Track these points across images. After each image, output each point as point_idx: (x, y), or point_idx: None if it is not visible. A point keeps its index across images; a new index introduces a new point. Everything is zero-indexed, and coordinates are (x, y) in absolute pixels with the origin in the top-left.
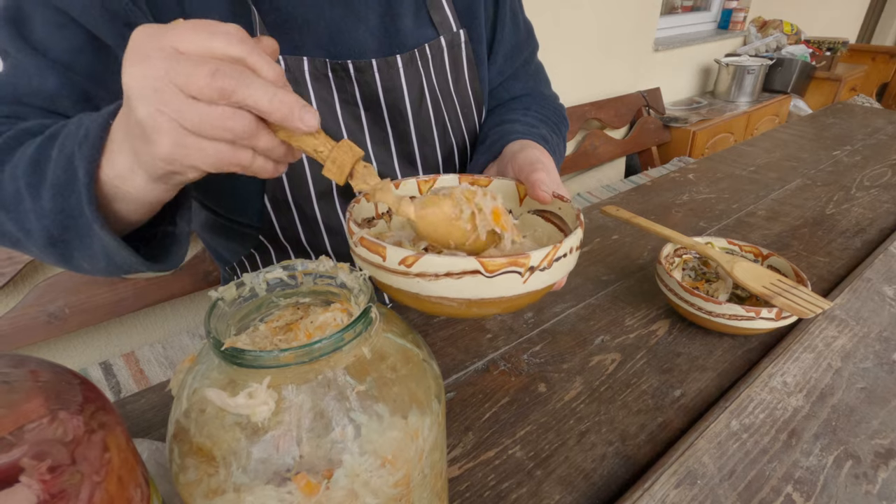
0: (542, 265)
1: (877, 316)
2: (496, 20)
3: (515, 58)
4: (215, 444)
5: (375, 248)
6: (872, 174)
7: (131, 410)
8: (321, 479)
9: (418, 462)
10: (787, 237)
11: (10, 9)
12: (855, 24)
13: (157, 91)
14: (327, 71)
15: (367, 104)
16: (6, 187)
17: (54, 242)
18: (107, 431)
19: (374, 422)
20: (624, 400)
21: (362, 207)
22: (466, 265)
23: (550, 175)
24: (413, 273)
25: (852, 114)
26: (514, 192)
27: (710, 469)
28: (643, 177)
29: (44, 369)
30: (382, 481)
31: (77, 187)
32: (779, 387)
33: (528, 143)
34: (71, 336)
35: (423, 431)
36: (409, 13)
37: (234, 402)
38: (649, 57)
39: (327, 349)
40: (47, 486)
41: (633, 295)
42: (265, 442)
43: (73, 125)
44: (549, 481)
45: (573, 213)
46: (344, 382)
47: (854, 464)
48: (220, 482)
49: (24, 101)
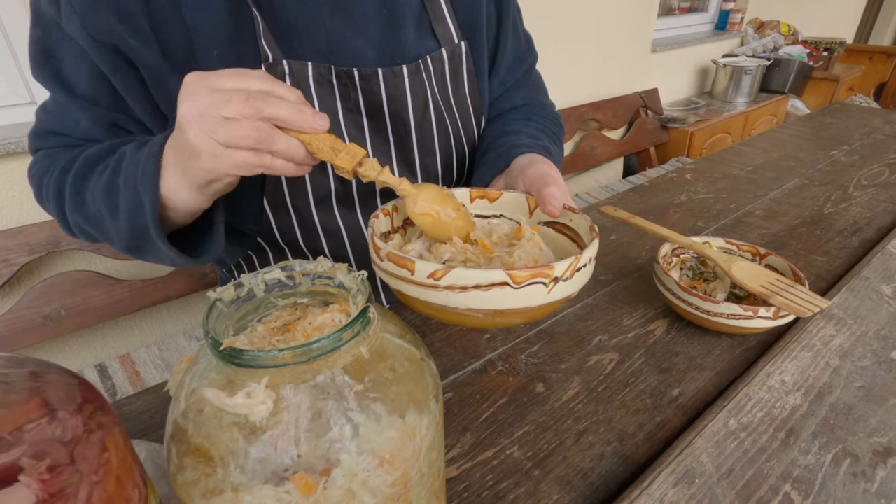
0: (565, 275)
1: (875, 314)
2: (499, 33)
3: (516, 69)
4: (213, 444)
5: (403, 262)
6: (870, 173)
7: (128, 412)
8: (319, 478)
9: (416, 461)
10: (784, 237)
11: (39, 42)
12: (852, 25)
13: (202, 116)
14: (331, 77)
15: (371, 112)
16: (90, 208)
17: (130, 248)
18: (105, 431)
19: (371, 421)
20: (622, 399)
21: (380, 222)
22: (495, 277)
23: (560, 188)
24: (442, 286)
25: (850, 113)
26: (524, 205)
27: (709, 468)
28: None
29: (43, 370)
30: (380, 481)
31: (144, 212)
32: (777, 386)
33: (536, 157)
34: (66, 338)
35: (421, 431)
36: (411, 25)
37: (233, 401)
38: (647, 58)
39: (325, 349)
40: (46, 486)
41: (631, 295)
42: (263, 442)
43: (130, 161)
44: (547, 481)
45: (586, 225)
46: (342, 382)
47: (852, 462)
48: (217, 482)
49: (69, 133)
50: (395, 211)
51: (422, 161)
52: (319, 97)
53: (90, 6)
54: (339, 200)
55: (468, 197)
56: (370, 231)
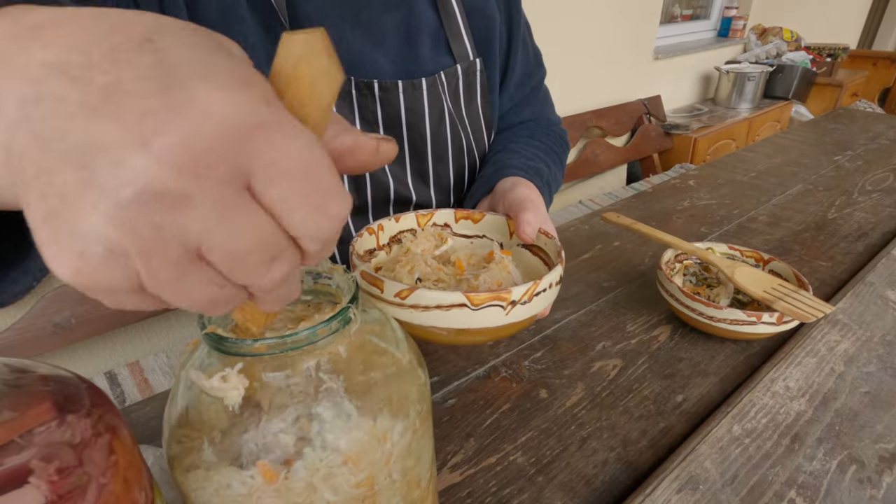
0: (522, 299)
1: (880, 320)
2: (510, 50)
3: (525, 85)
4: (196, 421)
5: (374, 280)
6: (874, 178)
7: (136, 418)
8: (282, 468)
9: (384, 465)
10: (788, 242)
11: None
12: (855, 30)
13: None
14: (351, 88)
15: (388, 123)
16: None
17: None
18: (113, 435)
19: (339, 419)
20: (625, 406)
21: (364, 241)
22: (454, 299)
23: (538, 213)
24: (407, 304)
25: (854, 119)
26: (504, 227)
27: (713, 474)
28: (644, 184)
29: (52, 375)
30: (343, 479)
31: None
32: (781, 391)
33: (518, 181)
34: (76, 346)
35: (394, 436)
36: (427, 41)
37: (209, 383)
38: (649, 65)
39: (300, 343)
40: (55, 488)
41: (635, 301)
42: (233, 426)
43: None
44: (550, 487)
45: (555, 250)
46: (315, 377)
47: (858, 468)
48: (194, 459)
49: None
50: (381, 230)
51: (435, 171)
52: (338, 107)
53: None
54: (353, 208)
55: (453, 217)
56: (351, 249)
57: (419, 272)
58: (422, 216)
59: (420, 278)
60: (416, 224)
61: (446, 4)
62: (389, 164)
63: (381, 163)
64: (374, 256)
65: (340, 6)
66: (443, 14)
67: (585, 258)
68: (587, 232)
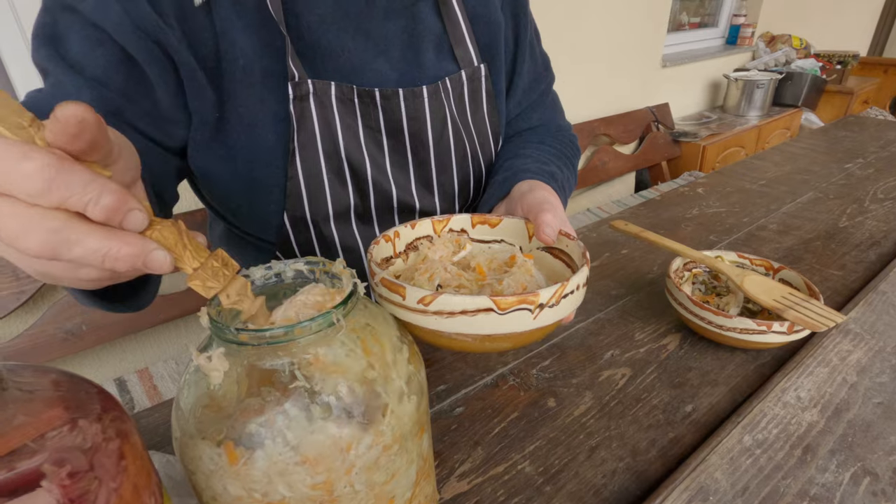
0: (550, 302)
1: (893, 329)
2: (517, 55)
3: (533, 90)
4: (190, 395)
5: (395, 287)
6: (886, 186)
7: (145, 425)
8: (245, 452)
9: (345, 474)
10: (799, 251)
11: (46, 27)
12: (866, 38)
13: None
14: (353, 96)
15: (390, 131)
16: None
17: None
18: (123, 440)
19: (304, 420)
20: (634, 415)
21: (381, 248)
22: (480, 303)
23: (557, 215)
24: (431, 311)
25: (864, 126)
26: (523, 231)
27: (723, 485)
28: (653, 192)
29: (64, 380)
30: (298, 478)
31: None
32: (792, 402)
33: (536, 184)
34: (87, 353)
35: (359, 448)
36: (431, 48)
37: (198, 359)
38: (657, 73)
39: (277, 339)
40: (66, 491)
41: (643, 309)
42: (211, 403)
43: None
44: (558, 497)
45: (579, 251)
46: (289, 375)
47: (872, 481)
48: (181, 427)
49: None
50: (397, 237)
51: (439, 179)
52: (341, 115)
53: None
54: (357, 216)
55: (470, 222)
56: (368, 257)
57: (439, 279)
58: (437, 222)
59: (440, 285)
60: (432, 230)
61: (450, 11)
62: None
63: (84, 127)
64: (391, 265)
65: (342, 15)
66: (446, 20)
67: (594, 266)
68: (595, 240)
